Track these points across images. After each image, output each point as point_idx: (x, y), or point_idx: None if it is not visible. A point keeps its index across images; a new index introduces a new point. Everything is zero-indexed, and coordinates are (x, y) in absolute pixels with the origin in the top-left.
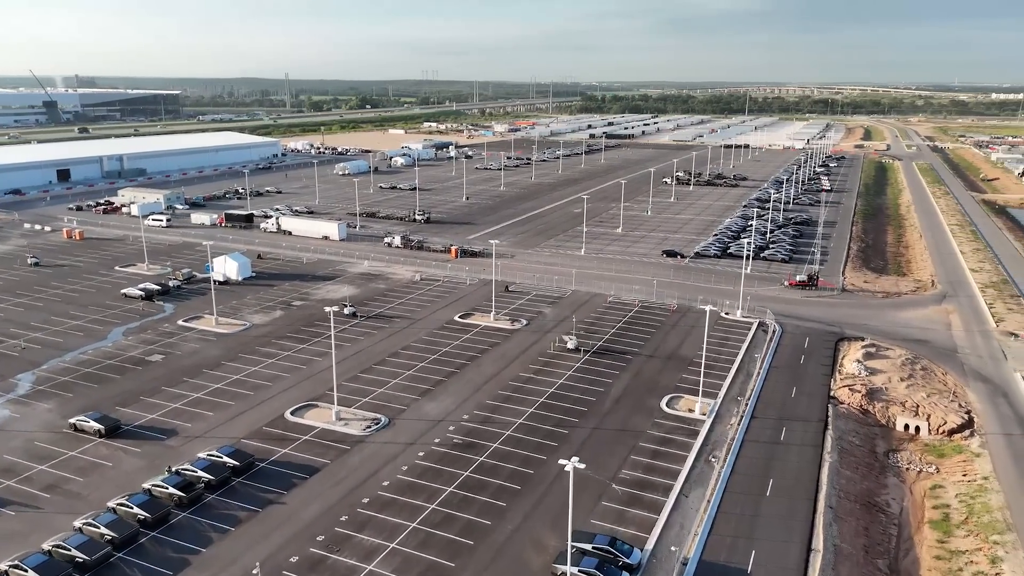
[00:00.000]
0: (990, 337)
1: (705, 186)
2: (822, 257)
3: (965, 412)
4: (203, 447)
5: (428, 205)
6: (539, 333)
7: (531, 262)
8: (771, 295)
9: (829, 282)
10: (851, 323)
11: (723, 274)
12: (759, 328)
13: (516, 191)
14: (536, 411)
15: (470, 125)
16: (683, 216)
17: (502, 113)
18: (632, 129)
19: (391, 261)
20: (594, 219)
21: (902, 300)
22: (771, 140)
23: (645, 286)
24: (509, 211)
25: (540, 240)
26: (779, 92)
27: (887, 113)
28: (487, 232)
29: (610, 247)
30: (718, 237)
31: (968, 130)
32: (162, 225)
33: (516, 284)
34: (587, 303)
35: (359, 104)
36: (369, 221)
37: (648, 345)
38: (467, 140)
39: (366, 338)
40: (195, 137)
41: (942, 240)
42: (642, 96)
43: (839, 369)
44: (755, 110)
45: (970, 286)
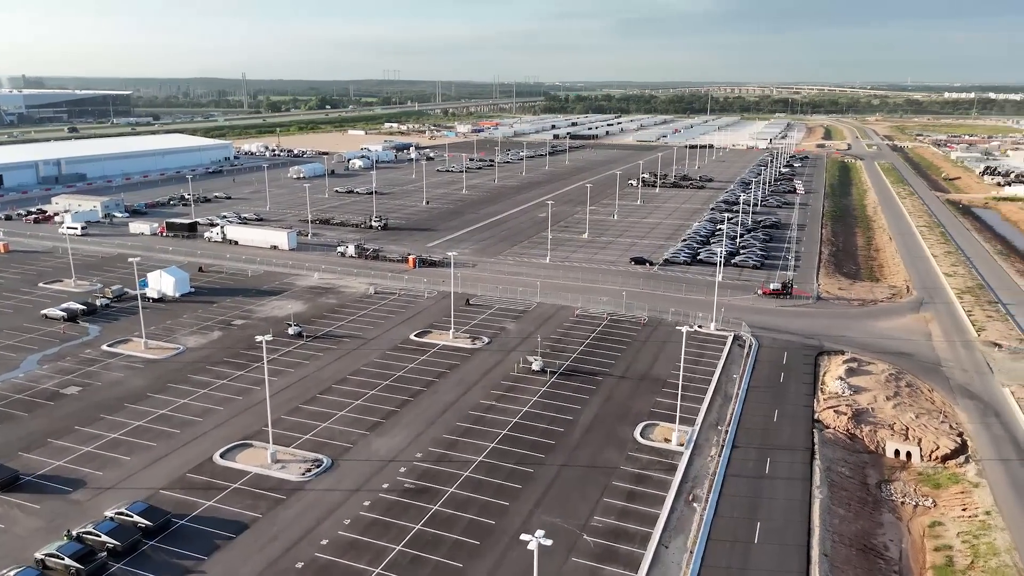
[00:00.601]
0: (973, 348)
1: (671, 188)
2: (794, 263)
3: (957, 435)
4: (114, 501)
5: (386, 210)
6: (502, 352)
7: (494, 272)
8: (745, 305)
9: (804, 290)
10: (829, 335)
11: (694, 283)
12: (735, 342)
13: (479, 194)
14: (498, 446)
15: (432, 126)
16: (650, 220)
17: (465, 113)
18: (596, 129)
19: (344, 272)
20: (559, 224)
21: (879, 308)
22: (734, 140)
23: (614, 297)
24: (471, 216)
25: (503, 247)
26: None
27: (845, 112)
28: (448, 239)
29: (576, 254)
30: (687, 243)
31: (924, 129)
32: (76, 234)
33: (478, 297)
34: (553, 317)
35: (319, 104)
36: (322, 228)
37: (619, 364)
38: (429, 141)
39: (312, 362)
40: (141, 140)
41: (912, 243)
42: (605, 96)
43: (821, 388)
44: (717, 110)
45: (946, 292)
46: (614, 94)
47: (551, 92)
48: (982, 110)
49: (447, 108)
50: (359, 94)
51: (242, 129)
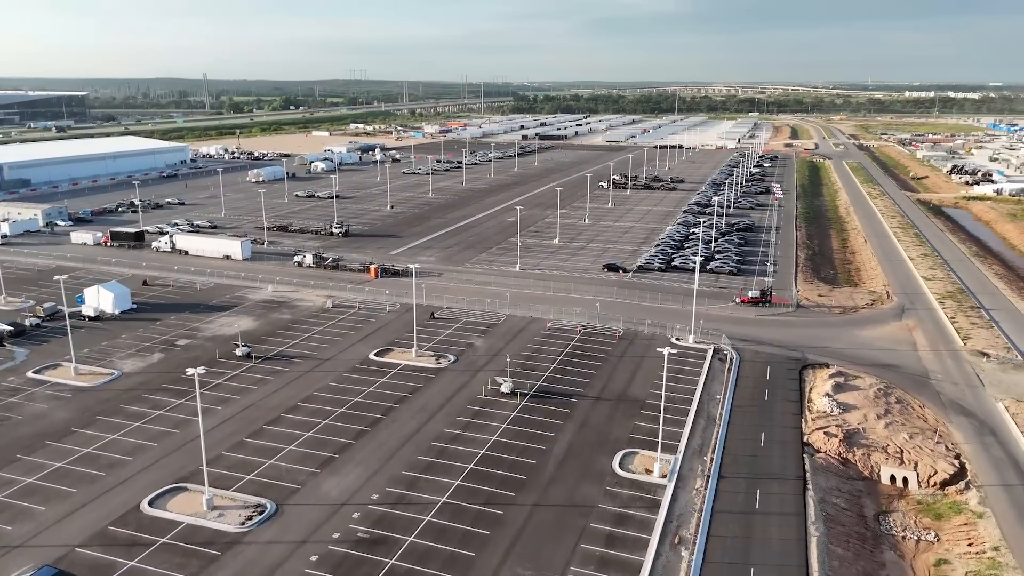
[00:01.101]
0: (960, 359)
1: (642, 190)
2: (772, 268)
3: (955, 457)
4: (18, 564)
5: (348, 215)
6: (469, 372)
7: (461, 281)
8: (723, 314)
9: (783, 298)
10: (812, 346)
11: (669, 291)
12: (715, 356)
13: (446, 198)
14: (464, 483)
15: (399, 126)
16: (622, 223)
17: (433, 114)
18: (565, 130)
19: (300, 284)
20: (529, 228)
21: (860, 316)
22: (703, 140)
23: (587, 308)
24: (438, 221)
25: (471, 255)
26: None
27: (810, 112)
28: (413, 246)
29: (547, 261)
30: (661, 248)
31: (888, 127)
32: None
33: (443, 310)
34: (524, 331)
35: (283, 105)
36: (279, 236)
37: (594, 383)
38: (395, 142)
39: (260, 387)
40: (91, 143)
41: (888, 245)
42: (573, 96)
43: (808, 406)
44: (684, 109)
45: (927, 297)
46: (582, 94)
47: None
48: (943, 109)
49: (414, 108)
50: (324, 94)
51: (202, 131)
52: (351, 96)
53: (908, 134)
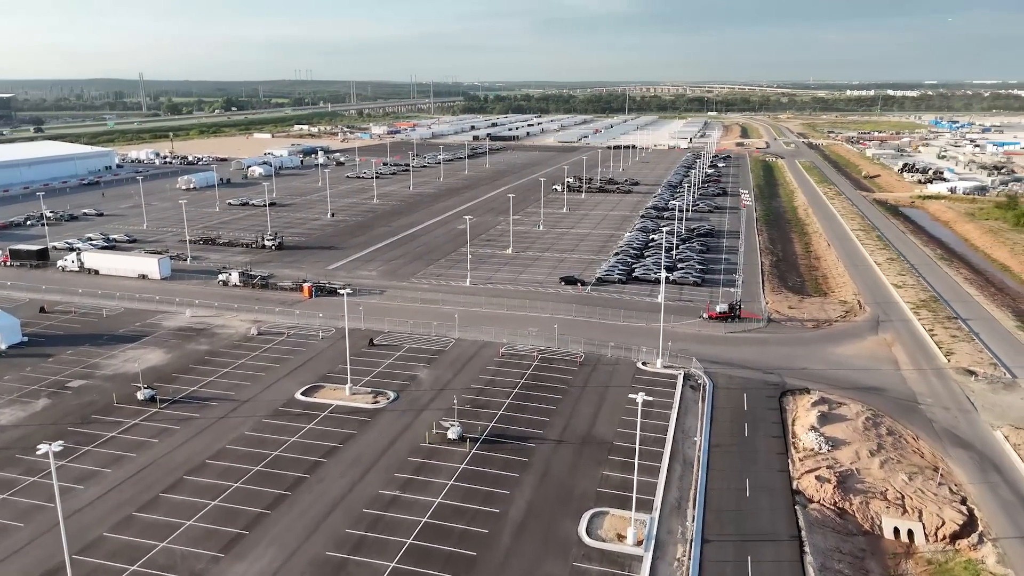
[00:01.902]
0: (946, 378)
1: (597, 193)
2: (739, 277)
3: (961, 501)
4: None
5: (285, 225)
6: (411, 413)
7: (405, 300)
8: (691, 332)
9: (753, 312)
10: (789, 367)
11: (632, 305)
12: (686, 383)
13: (392, 204)
14: (401, 566)
15: (345, 127)
16: (579, 230)
17: (382, 114)
18: (517, 130)
19: (223, 307)
20: (481, 237)
21: (835, 330)
22: (655, 139)
23: (544, 327)
24: (382, 229)
25: (418, 267)
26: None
27: (757, 111)
28: (354, 259)
29: (500, 273)
30: (620, 257)
31: (834, 126)
32: None
33: (384, 335)
34: (474, 358)
35: (224, 106)
36: (206, 250)
37: (555, 421)
38: (341, 144)
39: (162, 441)
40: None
41: (852, 249)
42: (524, 96)
43: (793, 442)
44: (634, 109)
45: (900, 307)
46: (533, 94)
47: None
48: (885, 107)
49: (362, 109)
50: (270, 95)
51: (134, 134)
52: (297, 97)
53: (855, 132)
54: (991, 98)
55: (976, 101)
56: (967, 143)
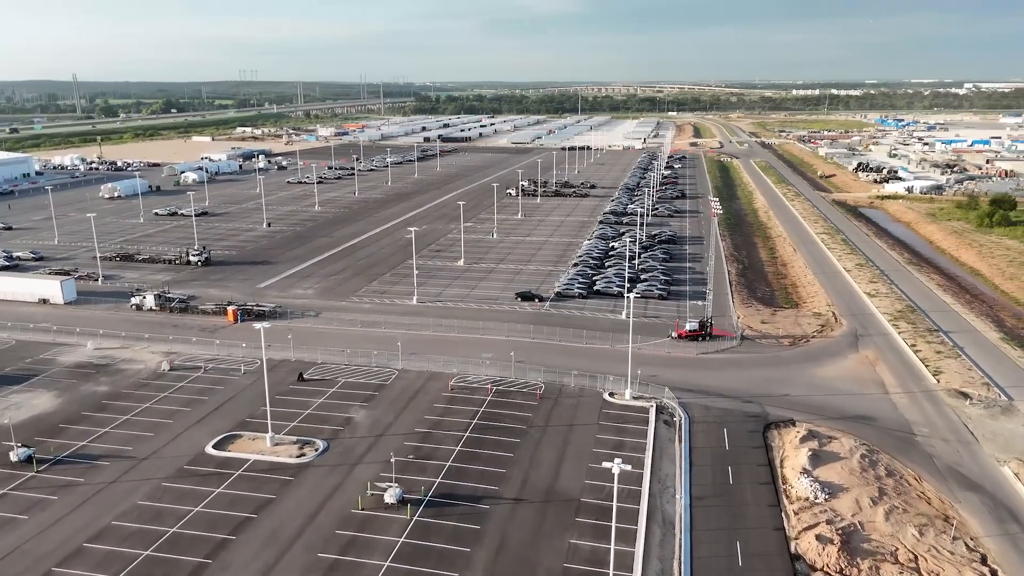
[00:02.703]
0: (939, 403)
1: (553, 197)
2: (704, 288)
3: (981, 560)
4: None
5: (215, 237)
6: (343, 468)
7: (344, 323)
8: (660, 355)
9: (724, 329)
10: (769, 394)
11: (594, 324)
12: (659, 417)
13: (335, 211)
14: None
15: (291, 129)
16: (535, 238)
17: (330, 115)
18: (469, 131)
19: (133, 337)
20: (430, 247)
21: (813, 348)
22: (609, 140)
23: (500, 352)
24: (323, 240)
25: (359, 283)
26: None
27: (708, 110)
28: (289, 275)
29: (451, 289)
30: (579, 268)
31: (783, 124)
32: None
33: (317, 366)
34: (420, 393)
35: (163, 108)
36: (123, 267)
37: (512, 473)
38: (286, 147)
39: (34, 517)
40: None
41: (819, 254)
42: (477, 96)
43: (785, 489)
44: (587, 109)
45: (877, 320)
46: (486, 94)
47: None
48: (831, 106)
49: (310, 110)
50: (213, 96)
51: (63, 138)
52: (242, 98)
53: (805, 131)
54: (931, 97)
55: (917, 100)
56: (916, 141)
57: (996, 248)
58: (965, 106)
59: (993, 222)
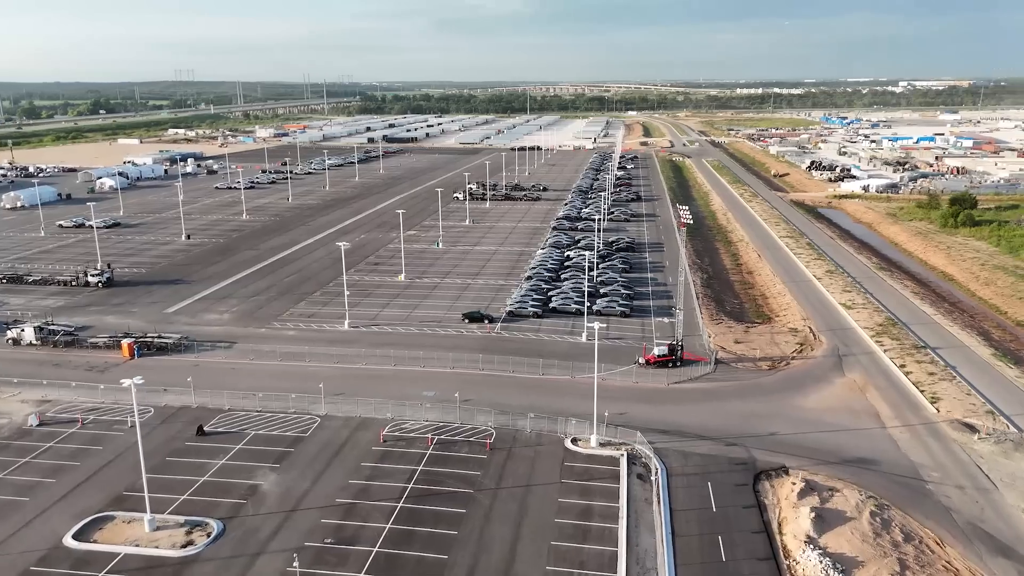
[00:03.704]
0: (944, 438)
1: (503, 201)
2: (669, 302)
3: None
4: None
5: (125, 252)
6: (240, 562)
7: (262, 355)
8: (627, 386)
9: (695, 353)
10: (754, 433)
11: (552, 350)
12: (631, 469)
13: (264, 219)
14: None
15: (227, 131)
16: (484, 247)
17: (271, 116)
18: (416, 131)
19: (2, 380)
20: (368, 259)
21: (795, 372)
22: (560, 140)
23: (444, 388)
24: (248, 254)
25: (285, 305)
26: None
27: (656, 109)
28: (204, 296)
29: (389, 310)
30: (533, 282)
31: (731, 123)
32: None
33: (222, 415)
34: (346, 447)
35: (91, 109)
36: (9, 291)
37: (457, 559)
38: (220, 149)
39: None
40: None
41: (786, 261)
42: (424, 96)
43: (789, 566)
44: (536, 109)
45: (858, 335)
46: (433, 94)
47: (367, 92)
48: (776, 105)
49: (249, 110)
50: (147, 97)
51: None
52: (178, 99)
53: (753, 129)
54: (870, 95)
55: (857, 98)
56: (862, 138)
57: (964, 250)
58: (903, 104)
59: (958, 222)
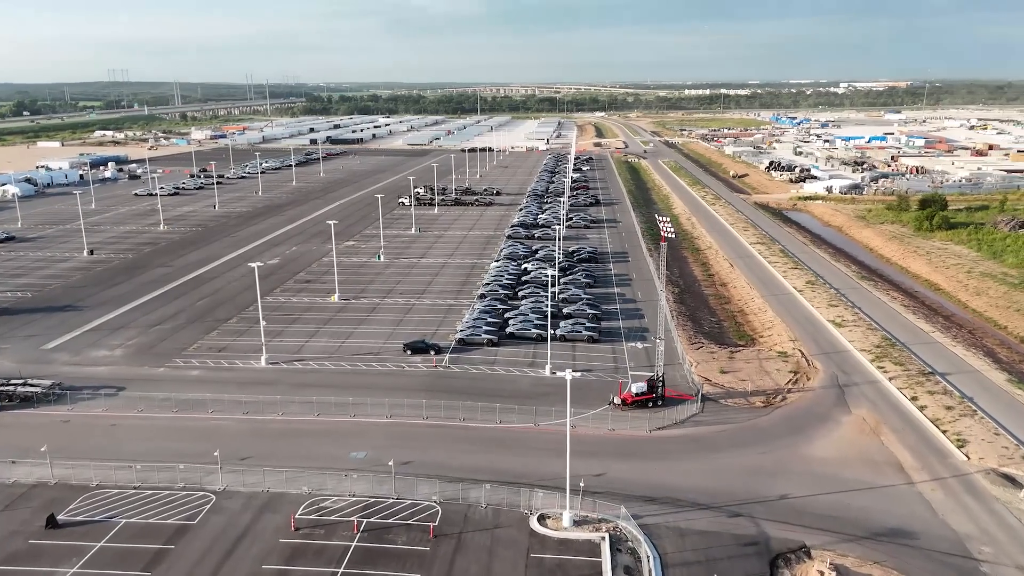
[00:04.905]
0: (983, 496)
1: (453, 206)
2: (641, 323)
3: None
4: None
5: (13, 271)
6: None
7: (152, 405)
8: (602, 436)
9: (680, 391)
10: (761, 497)
11: (511, 389)
12: (616, 557)
13: (184, 231)
14: None
15: (159, 132)
16: (431, 259)
17: (210, 117)
18: (362, 132)
19: None
20: (297, 276)
21: (793, 409)
22: (512, 141)
23: (377, 448)
24: (159, 272)
25: (193, 335)
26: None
27: (607, 109)
28: (96, 325)
29: (318, 339)
30: (487, 302)
31: (682, 123)
32: None
33: (89, 493)
34: (244, 539)
35: (15, 110)
36: None
37: None
38: (150, 152)
39: None
40: None
41: (760, 270)
42: (371, 96)
43: None
44: (486, 109)
45: (855, 359)
46: (381, 94)
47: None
48: (725, 105)
49: (187, 112)
50: (79, 97)
51: None
52: (112, 99)
53: (706, 129)
54: (814, 96)
55: (802, 98)
56: (815, 138)
57: (945, 256)
58: (846, 104)
59: (933, 225)
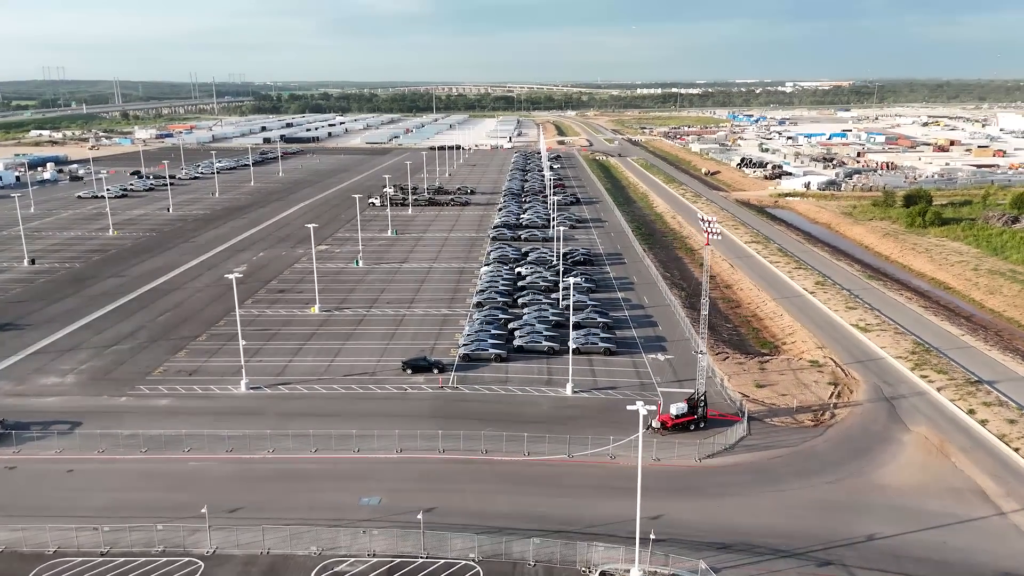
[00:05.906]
0: None
1: (427, 206)
2: (655, 331)
3: None
4: None
5: None
6: None
7: (116, 445)
8: (648, 468)
9: (722, 410)
10: (845, 539)
11: (532, 409)
12: None
13: (137, 236)
14: None
15: (100, 132)
16: (415, 264)
17: (154, 116)
18: (317, 130)
19: None
20: (269, 287)
21: (847, 429)
22: (473, 139)
23: (391, 491)
24: (111, 283)
25: (157, 357)
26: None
27: (563, 108)
28: (42, 347)
29: (302, 357)
30: (487, 312)
31: (640, 121)
32: None
33: (42, 567)
34: None
35: None
36: None
37: None
38: (91, 152)
39: None
40: None
41: (763, 271)
42: (323, 95)
43: None
44: (442, 108)
45: (893, 368)
46: (332, 93)
47: (261, 92)
48: (679, 104)
49: (129, 110)
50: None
51: None
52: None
53: (667, 127)
54: (764, 94)
55: (753, 97)
56: (776, 135)
57: (945, 252)
58: (796, 103)
59: (926, 222)
